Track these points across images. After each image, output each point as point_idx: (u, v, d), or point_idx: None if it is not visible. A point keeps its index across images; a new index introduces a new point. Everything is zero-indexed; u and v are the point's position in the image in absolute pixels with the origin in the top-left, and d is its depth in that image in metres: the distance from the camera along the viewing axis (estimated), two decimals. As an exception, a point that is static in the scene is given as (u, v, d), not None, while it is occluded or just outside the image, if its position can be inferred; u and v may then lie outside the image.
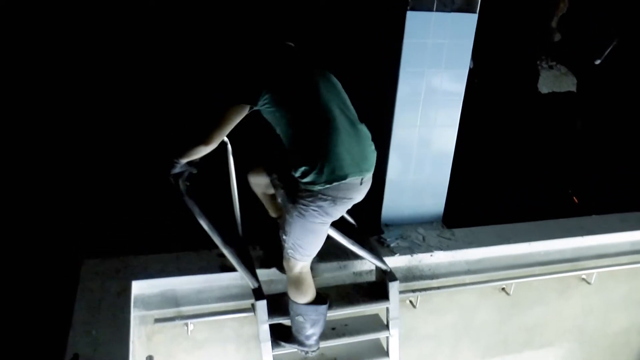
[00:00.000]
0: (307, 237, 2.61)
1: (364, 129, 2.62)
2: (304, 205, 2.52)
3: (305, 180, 2.45)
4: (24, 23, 3.76)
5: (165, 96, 4.12)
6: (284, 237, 2.66)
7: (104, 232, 3.53)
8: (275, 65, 2.55)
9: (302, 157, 2.45)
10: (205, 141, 2.48)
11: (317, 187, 2.45)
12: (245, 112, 2.45)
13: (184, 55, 4.01)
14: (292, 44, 2.65)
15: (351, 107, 2.64)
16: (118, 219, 3.65)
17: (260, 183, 2.98)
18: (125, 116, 4.15)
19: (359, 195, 2.62)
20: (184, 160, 2.56)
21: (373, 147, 2.65)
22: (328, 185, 2.45)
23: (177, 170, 2.58)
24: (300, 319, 2.80)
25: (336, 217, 2.63)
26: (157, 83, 4.10)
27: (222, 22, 3.90)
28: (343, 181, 2.46)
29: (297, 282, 2.75)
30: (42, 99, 4.02)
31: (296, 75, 2.54)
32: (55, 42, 3.91)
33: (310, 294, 2.79)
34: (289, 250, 2.67)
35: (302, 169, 2.44)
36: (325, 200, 2.49)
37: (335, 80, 2.65)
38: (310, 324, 2.82)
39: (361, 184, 2.57)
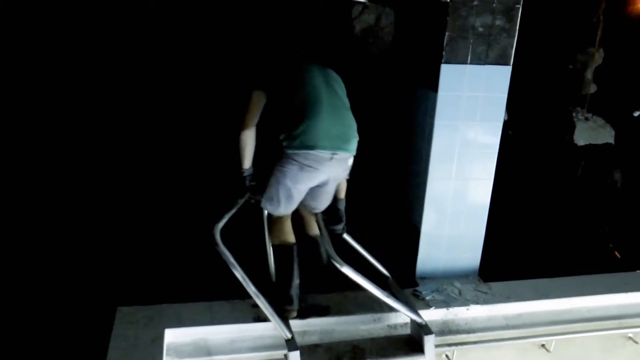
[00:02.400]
0: (274, 193, 2.97)
1: (351, 118, 2.99)
2: (279, 166, 2.93)
3: (283, 144, 2.87)
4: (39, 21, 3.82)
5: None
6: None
7: (138, 280, 3.56)
8: (280, 60, 3.11)
9: (286, 125, 2.87)
10: (242, 127, 2.92)
11: (289, 151, 2.85)
12: (263, 97, 2.95)
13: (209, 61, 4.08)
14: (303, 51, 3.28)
15: (343, 97, 3.05)
16: (152, 267, 3.68)
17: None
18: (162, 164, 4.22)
19: (327, 170, 2.91)
20: (247, 164, 3.00)
21: (355, 133, 2.98)
22: (297, 151, 2.83)
23: (249, 179, 3.03)
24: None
25: (301, 185, 2.94)
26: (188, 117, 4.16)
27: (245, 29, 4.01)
28: (311, 151, 2.82)
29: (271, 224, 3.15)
30: (76, 135, 4.11)
31: (295, 66, 3.04)
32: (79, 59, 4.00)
33: (277, 239, 3.13)
34: (263, 201, 3.06)
35: (283, 134, 2.86)
36: (294, 165, 2.86)
37: (335, 76, 3.09)
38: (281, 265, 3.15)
39: (331, 159, 2.87)
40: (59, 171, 4.06)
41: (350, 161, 2.98)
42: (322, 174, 2.91)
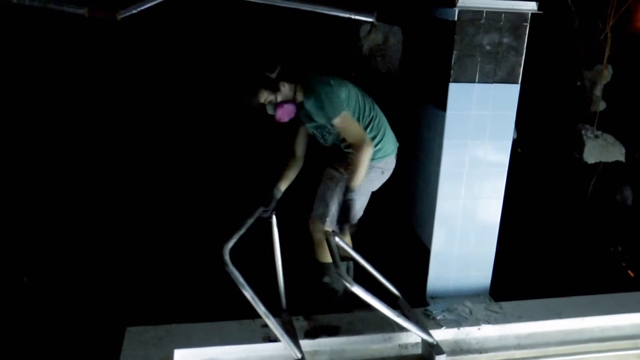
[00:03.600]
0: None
1: None
2: None
3: None
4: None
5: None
6: (323, 208, 3.29)
7: (147, 299, 3.56)
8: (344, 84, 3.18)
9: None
10: (366, 144, 3.01)
11: (373, 161, 3.16)
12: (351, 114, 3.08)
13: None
14: None
15: None
16: (162, 286, 3.68)
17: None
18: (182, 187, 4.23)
19: (393, 167, 3.37)
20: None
21: None
22: (381, 159, 3.23)
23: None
24: (327, 279, 3.43)
25: (375, 188, 3.36)
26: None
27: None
28: (390, 157, 3.30)
29: (322, 244, 3.26)
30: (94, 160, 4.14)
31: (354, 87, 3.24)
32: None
33: (326, 257, 3.33)
34: (328, 218, 3.24)
35: None
36: (376, 171, 3.25)
37: None
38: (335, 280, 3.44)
39: (395, 158, 3.37)
40: (68, 184, 4.08)
41: None
42: (391, 172, 3.37)
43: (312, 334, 3.13)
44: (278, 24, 3.87)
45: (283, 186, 3.36)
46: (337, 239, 3.21)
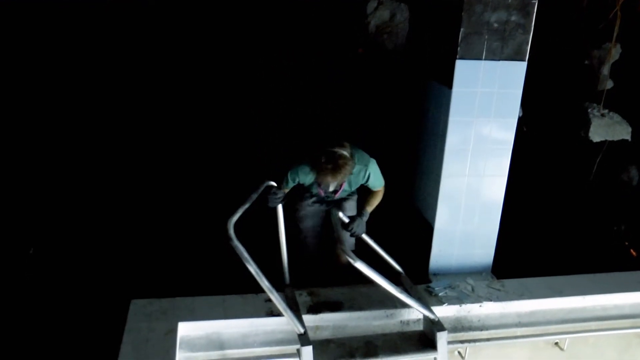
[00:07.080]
0: None
1: None
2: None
3: None
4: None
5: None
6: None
7: (152, 272, 3.58)
8: None
9: None
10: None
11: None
12: None
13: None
14: None
15: None
16: (167, 260, 3.71)
17: None
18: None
19: None
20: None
21: None
22: None
23: None
24: None
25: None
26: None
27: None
28: None
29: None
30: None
31: None
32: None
33: None
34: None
35: None
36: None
37: None
38: None
39: None
40: (73, 167, 4.09)
41: None
42: None
43: (315, 309, 3.16)
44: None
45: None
46: None
